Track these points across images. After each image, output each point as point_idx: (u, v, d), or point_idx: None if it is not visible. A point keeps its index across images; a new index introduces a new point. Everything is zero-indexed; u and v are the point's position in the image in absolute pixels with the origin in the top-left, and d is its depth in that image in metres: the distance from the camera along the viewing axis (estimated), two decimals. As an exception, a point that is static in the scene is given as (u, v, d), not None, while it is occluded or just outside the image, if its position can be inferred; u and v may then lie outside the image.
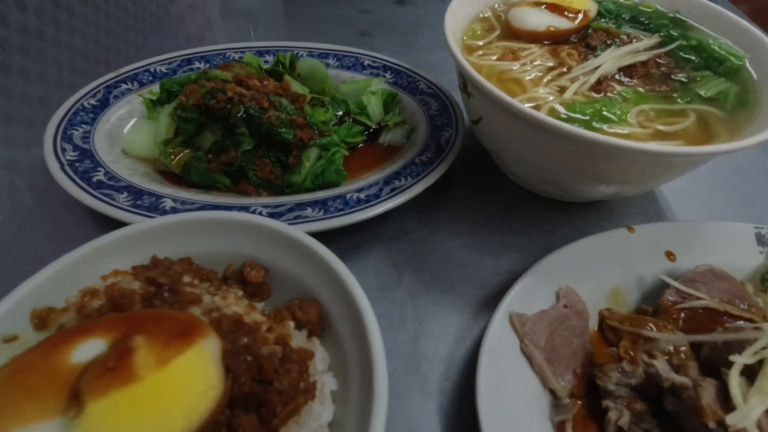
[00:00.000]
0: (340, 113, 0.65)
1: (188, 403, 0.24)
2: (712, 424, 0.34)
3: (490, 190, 0.63)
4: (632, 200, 0.63)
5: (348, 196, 0.54)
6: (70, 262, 0.38)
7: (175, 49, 0.72)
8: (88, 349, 0.26)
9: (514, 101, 0.44)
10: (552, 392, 0.42)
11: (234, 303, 0.35)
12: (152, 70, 0.70)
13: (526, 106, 0.43)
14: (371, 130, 0.67)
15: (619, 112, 0.48)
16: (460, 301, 0.51)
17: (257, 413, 0.29)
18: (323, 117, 0.60)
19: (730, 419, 0.34)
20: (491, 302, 0.51)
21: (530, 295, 0.46)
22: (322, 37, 0.81)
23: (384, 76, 0.72)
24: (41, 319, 0.36)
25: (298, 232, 0.40)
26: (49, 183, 0.60)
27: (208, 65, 0.72)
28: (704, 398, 0.35)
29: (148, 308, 0.33)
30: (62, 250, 0.53)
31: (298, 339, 0.36)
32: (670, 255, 0.50)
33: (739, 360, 0.36)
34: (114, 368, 0.24)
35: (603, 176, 0.49)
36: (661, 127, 0.48)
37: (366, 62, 0.74)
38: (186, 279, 0.38)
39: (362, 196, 0.54)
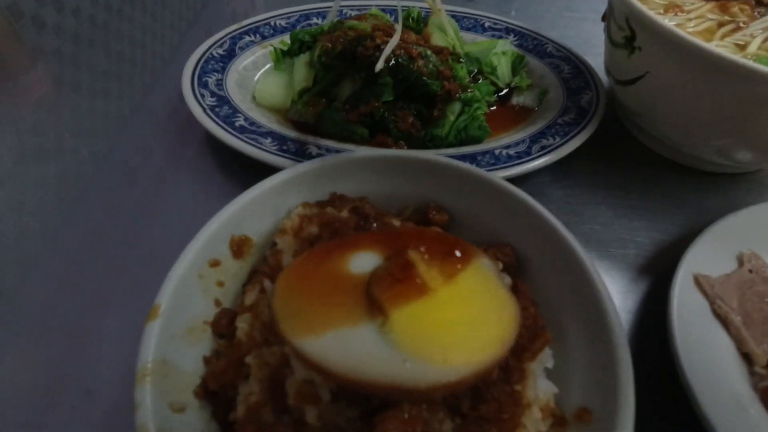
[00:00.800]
0: (474, 71, 0.63)
1: (491, 308, 0.23)
2: None
3: (625, 158, 0.60)
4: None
5: (497, 152, 0.52)
6: (259, 193, 0.37)
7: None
8: (364, 260, 0.25)
9: (712, 47, 0.41)
10: (746, 358, 0.39)
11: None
12: (272, 23, 0.69)
13: (735, 56, 0.40)
14: (500, 91, 0.64)
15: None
16: (616, 263, 0.49)
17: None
18: (461, 73, 0.58)
19: None
20: (650, 265, 0.49)
21: (707, 258, 0.43)
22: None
23: (508, 39, 0.69)
24: (239, 246, 0.36)
25: (491, 175, 0.39)
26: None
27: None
28: None
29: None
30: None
31: (506, 281, 0.34)
32: None
33: None
34: (403, 280, 0.23)
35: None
36: None
37: (486, 24, 0.71)
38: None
39: (512, 152, 0.52)
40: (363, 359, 0.20)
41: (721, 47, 0.48)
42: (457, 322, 0.22)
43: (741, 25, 0.50)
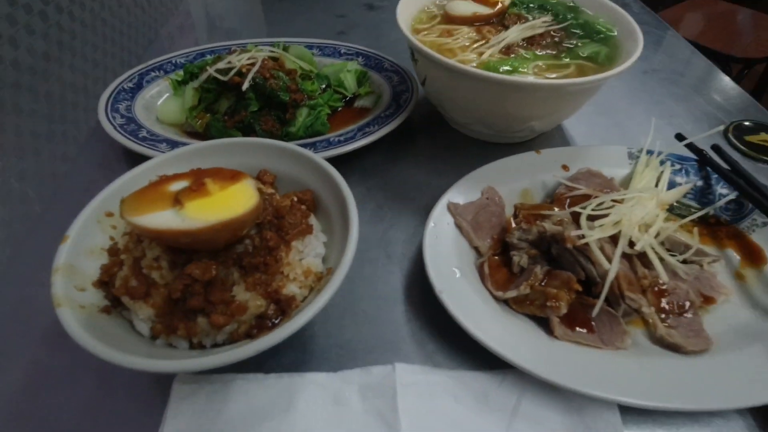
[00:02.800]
0: (324, 86, 0.84)
1: (242, 201, 0.42)
2: (570, 245, 0.53)
3: (439, 137, 0.82)
4: (549, 143, 0.83)
5: (331, 139, 0.73)
6: (142, 170, 0.56)
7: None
8: (178, 185, 0.44)
9: (445, 58, 0.64)
10: (477, 250, 0.60)
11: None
12: (174, 61, 0.89)
13: (454, 61, 0.63)
14: (347, 98, 0.86)
15: (516, 65, 0.68)
16: (416, 207, 0.70)
17: (277, 233, 0.47)
18: (311, 87, 0.79)
19: (582, 239, 0.53)
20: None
21: (463, 194, 0.65)
22: (307, 37, 1.00)
23: (357, 60, 0.92)
24: (127, 204, 0.54)
25: (300, 148, 0.59)
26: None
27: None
28: (567, 231, 0.55)
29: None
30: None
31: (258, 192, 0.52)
32: (565, 167, 0.70)
33: (584, 211, 0.56)
34: (196, 190, 0.43)
35: (516, 110, 0.69)
36: (551, 75, 0.69)
37: (342, 50, 0.94)
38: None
39: (342, 138, 0.73)
40: (163, 222, 0.39)
41: (470, 56, 0.71)
42: (219, 206, 0.41)
43: (484, 42, 0.73)
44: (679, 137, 0.72)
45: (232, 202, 0.43)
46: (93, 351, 0.40)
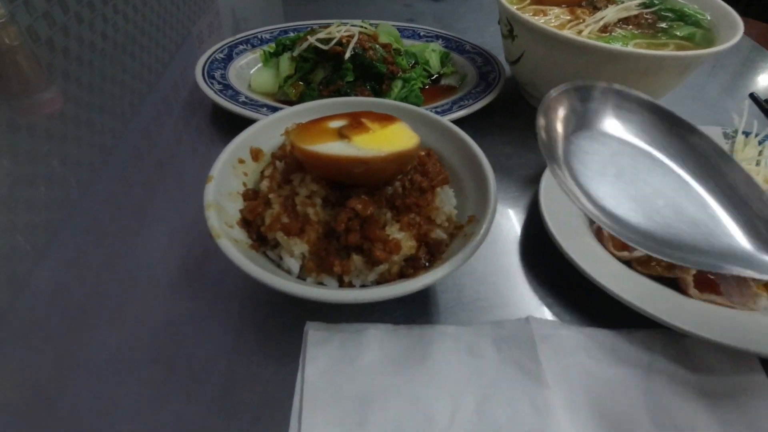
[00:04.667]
0: (412, 62, 0.86)
1: (405, 138, 0.43)
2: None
3: (522, 117, 0.84)
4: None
5: (429, 109, 0.74)
6: (267, 121, 0.57)
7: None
8: (336, 123, 0.45)
9: (555, 30, 0.65)
10: (589, 216, 0.60)
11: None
12: (260, 36, 0.91)
13: (564, 32, 0.64)
14: (433, 77, 0.87)
15: (620, 43, 0.69)
16: (513, 177, 0.71)
17: (423, 176, 0.48)
18: (403, 62, 0.81)
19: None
20: (536, 177, 0.70)
21: (567, 164, 0.65)
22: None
23: (437, 42, 0.93)
24: (255, 154, 0.55)
25: (422, 109, 0.60)
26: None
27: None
28: (691, 195, 0.55)
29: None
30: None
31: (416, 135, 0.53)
32: (663, 144, 0.70)
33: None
34: (357, 126, 0.43)
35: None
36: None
37: (421, 33, 0.96)
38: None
39: (439, 110, 0.74)
40: (337, 150, 0.40)
41: (564, 33, 0.72)
42: (385, 140, 0.42)
43: (580, 22, 0.75)
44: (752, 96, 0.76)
45: (395, 138, 0.43)
46: (255, 276, 0.40)
